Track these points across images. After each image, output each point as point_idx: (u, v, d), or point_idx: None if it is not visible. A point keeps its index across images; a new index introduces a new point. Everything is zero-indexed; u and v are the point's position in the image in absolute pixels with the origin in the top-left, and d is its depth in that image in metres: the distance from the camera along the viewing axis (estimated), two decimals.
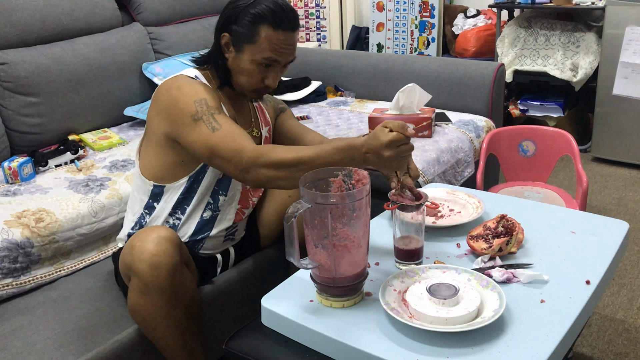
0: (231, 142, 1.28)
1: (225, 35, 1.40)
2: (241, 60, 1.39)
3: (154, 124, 1.42)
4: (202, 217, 1.49)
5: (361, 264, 1.10)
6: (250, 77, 1.40)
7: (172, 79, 1.41)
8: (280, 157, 1.22)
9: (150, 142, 1.45)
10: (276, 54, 1.37)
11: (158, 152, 1.43)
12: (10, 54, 2.17)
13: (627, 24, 3.04)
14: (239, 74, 1.41)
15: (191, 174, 1.44)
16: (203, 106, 1.33)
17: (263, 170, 1.24)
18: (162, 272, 1.26)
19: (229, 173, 1.32)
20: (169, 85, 1.39)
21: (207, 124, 1.31)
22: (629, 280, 2.19)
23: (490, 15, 3.89)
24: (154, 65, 2.58)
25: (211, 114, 1.32)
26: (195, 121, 1.31)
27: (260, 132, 1.57)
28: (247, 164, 1.25)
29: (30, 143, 2.20)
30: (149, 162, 1.46)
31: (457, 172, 2.24)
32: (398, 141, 1.11)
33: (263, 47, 1.36)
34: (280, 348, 1.10)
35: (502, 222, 1.27)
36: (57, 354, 1.30)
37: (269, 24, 1.35)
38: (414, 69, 2.75)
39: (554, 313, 1.05)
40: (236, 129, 1.32)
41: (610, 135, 3.27)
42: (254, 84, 1.42)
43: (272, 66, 1.40)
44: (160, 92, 1.40)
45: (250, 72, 1.39)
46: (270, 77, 1.41)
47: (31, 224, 1.61)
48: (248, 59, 1.38)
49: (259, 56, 1.37)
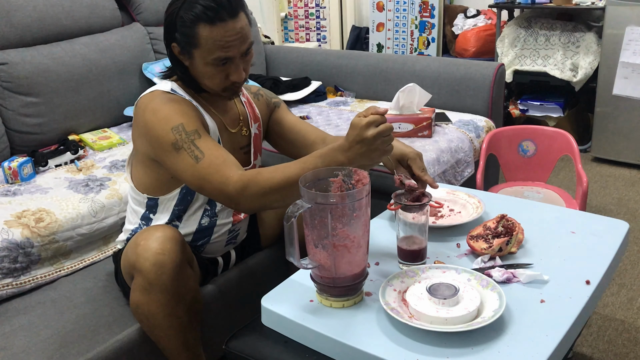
0: (217, 173, 1.23)
1: (174, 46, 1.34)
2: (197, 66, 1.33)
3: (137, 143, 1.40)
4: (200, 224, 1.48)
5: (361, 264, 1.10)
6: (212, 79, 1.34)
7: (148, 97, 1.36)
8: (268, 183, 1.19)
9: (137, 159, 1.44)
10: (224, 51, 1.29)
11: (147, 170, 1.42)
12: (10, 54, 2.17)
13: (627, 24, 3.04)
14: (202, 79, 1.36)
15: (183, 185, 1.42)
16: (181, 133, 1.27)
17: (254, 200, 1.21)
18: (165, 270, 1.26)
19: (220, 202, 1.29)
20: (144, 106, 1.34)
21: (189, 153, 1.26)
22: (629, 280, 2.19)
23: (490, 15, 3.89)
24: (154, 65, 2.58)
25: (191, 140, 1.27)
26: (177, 150, 1.27)
27: (249, 130, 1.53)
28: (236, 196, 1.21)
29: (30, 143, 2.20)
30: (139, 176, 1.45)
31: (457, 172, 2.24)
32: (375, 121, 1.13)
33: (209, 47, 1.28)
34: (280, 348, 1.10)
35: (502, 222, 1.27)
36: (57, 354, 1.30)
37: (204, 22, 1.26)
38: (414, 69, 2.75)
39: (554, 313, 1.05)
40: (220, 154, 1.27)
41: (610, 135, 3.26)
42: (219, 84, 1.36)
43: (228, 62, 1.33)
44: (137, 113, 1.36)
45: (209, 74, 1.33)
46: (233, 72, 1.34)
47: (31, 224, 1.61)
48: (201, 63, 1.32)
49: (209, 58, 1.30)
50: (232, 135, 1.48)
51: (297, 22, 4.74)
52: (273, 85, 2.86)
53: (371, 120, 1.13)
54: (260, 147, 1.60)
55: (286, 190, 1.18)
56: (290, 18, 4.75)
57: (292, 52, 3.23)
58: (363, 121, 1.13)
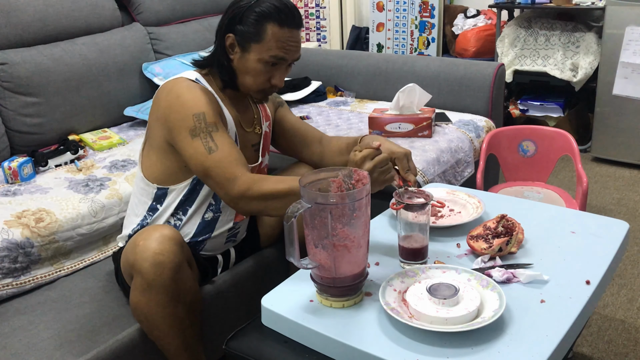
0: (225, 169, 1.30)
1: (230, 36, 1.39)
2: (247, 60, 1.39)
3: (154, 129, 1.42)
4: (203, 218, 1.49)
5: (361, 264, 1.10)
6: (256, 77, 1.40)
7: (172, 82, 1.41)
8: (271, 189, 1.26)
9: (152, 146, 1.45)
10: (283, 52, 1.38)
11: (160, 157, 1.43)
12: (10, 54, 2.17)
13: (627, 24, 3.04)
14: (245, 75, 1.41)
15: (195, 176, 1.44)
16: (201, 122, 1.32)
17: (254, 202, 1.28)
18: (164, 270, 1.26)
19: (220, 196, 1.34)
20: (169, 89, 1.38)
21: (204, 143, 1.31)
22: (629, 280, 2.19)
23: (490, 15, 3.89)
24: (154, 65, 2.58)
25: (209, 131, 1.32)
26: (193, 137, 1.32)
27: (261, 128, 1.58)
28: (238, 195, 1.28)
29: (30, 143, 2.20)
30: (151, 165, 1.46)
31: (457, 172, 2.24)
32: (369, 155, 1.22)
33: (270, 45, 1.36)
34: (280, 348, 1.10)
35: (502, 222, 1.27)
36: (57, 354, 1.30)
37: (274, 21, 1.35)
38: (414, 69, 2.75)
39: (554, 313, 1.05)
40: (232, 152, 1.32)
41: (610, 135, 3.26)
42: (260, 84, 1.42)
43: (278, 65, 1.40)
44: (159, 96, 1.40)
45: (257, 71, 1.39)
46: (277, 76, 1.42)
47: (31, 224, 1.61)
48: (255, 58, 1.38)
49: (266, 54, 1.37)
50: (247, 133, 1.53)
51: None
52: None
53: (365, 155, 1.23)
54: (268, 145, 1.65)
55: (288, 199, 1.23)
56: None
57: None
58: (358, 156, 1.22)
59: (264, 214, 1.32)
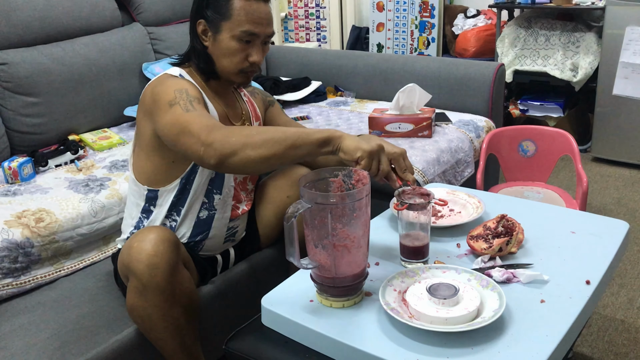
0: (204, 119, 1.22)
1: (200, 22, 1.41)
2: (221, 41, 1.39)
3: (141, 126, 1.42)
4: (198, 217, 1.49)
5: (361, 264, 1.10)
6: (232, 57, 1.40)
7: (156, 79, 1.42)
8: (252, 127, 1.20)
9: (140, 146, 1.45)
10: (253, 25, 1.37)
11: (148, 155, 1.43)
12: (10, 54, 2.17)
13: (627, 24, 3.04)
14: (221, 57, 1.41)
15: (182, 175, 1.44)
16: (183, 94, 1.31)
17: (232, 139, 1.15)
18: (159, 272, 1.26)
19: (191, 152, 1.21)
20: (153, 85, 1.39)
21: (182, 107, 1.27)
22: (629, 280, 2.19)
23: (490, 15, 3.89)
24: (154, 65, 2.58)
25: (190, 100, 1.29)
26: (171, 106, 1.28)
27: (251, 124, 1.57)
28: (214, 139, 1.16)
29: (30, 143, 2.20)
30: (141, 166, 1.46)
31: (457, 172, 2.24)
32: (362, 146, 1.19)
33: (240, 20, 1.36)
34: (280, 348, 1.10)
35: (502, 222, 1.27)
36: (57, 354, 1.30)
37: None
38: (414, 69, 2.75)
39: (554, 313, 1.05)
40: (210, 117, 1.27)
41: (610, 135, 3.27)
42: (237, 64, 1.41)
43: (252, 42, 1.39)
44: (144, 93, 1.40)
45: (231, 50, 1.39)
46: (254, 53, 1.40)
47: (31, 224, 1.61)
48: (227, 37, 1.38)
49: (237, 29, 1.37)
50: None
51: (297, 22, 4.75)
52: (273, 85, 2.86)
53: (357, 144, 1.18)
54: None
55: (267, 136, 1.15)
56: (290, 18, 4.75)
57: (292, 52, 3.23)
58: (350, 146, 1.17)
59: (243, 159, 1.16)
